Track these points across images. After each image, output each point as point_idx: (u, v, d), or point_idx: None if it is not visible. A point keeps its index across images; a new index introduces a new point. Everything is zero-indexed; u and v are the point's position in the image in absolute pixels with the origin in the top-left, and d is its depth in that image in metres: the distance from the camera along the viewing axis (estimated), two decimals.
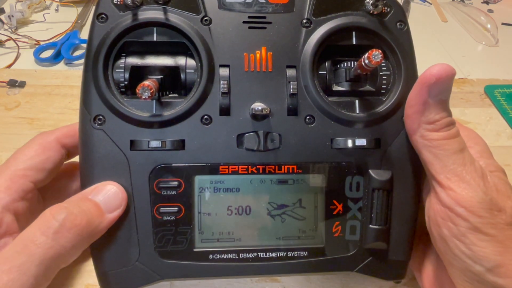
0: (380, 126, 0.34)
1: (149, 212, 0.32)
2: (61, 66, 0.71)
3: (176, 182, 0.32)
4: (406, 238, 0.34)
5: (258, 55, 0.34)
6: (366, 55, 0.30)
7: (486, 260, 0.28)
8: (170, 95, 0.34)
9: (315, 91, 0.33)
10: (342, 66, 0.35)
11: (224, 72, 0.33)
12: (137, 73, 0.33)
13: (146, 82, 0.29)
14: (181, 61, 0.34)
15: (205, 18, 0.33)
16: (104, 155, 0.32)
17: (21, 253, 0.26)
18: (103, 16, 0.33)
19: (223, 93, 0.32)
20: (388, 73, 0.35)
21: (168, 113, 0.32)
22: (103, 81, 0.32)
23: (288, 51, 0.34)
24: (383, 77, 0.35)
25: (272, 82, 0.33)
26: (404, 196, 0.34)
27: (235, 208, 0.33)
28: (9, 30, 0.77)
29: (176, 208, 0.32)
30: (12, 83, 0.63)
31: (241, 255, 0.33)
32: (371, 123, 0.34)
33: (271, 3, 0.34)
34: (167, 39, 0.33)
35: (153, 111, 0.32)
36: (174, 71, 0.34)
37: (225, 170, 0.33)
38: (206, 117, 0.33)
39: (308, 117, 0.33)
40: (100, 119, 0.32)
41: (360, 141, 0.33)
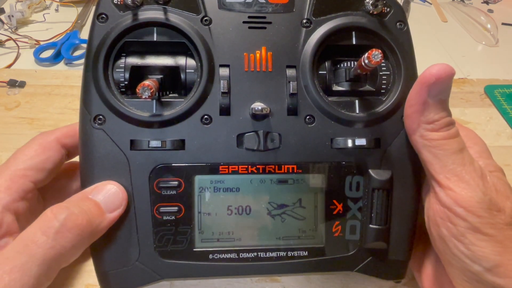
0: (380, 126, 0.34)
1: (149, 212, 0.32)
2: (61, 66, 0.71)
3: (176, 182, 0.32)
4: (406, 238, 0.34)
5: (258, 55, 0.34)
6: (366, 55, 0.30)
7: (485, 260, 0.28)
8: (170, 95, 0.34)
9: (315, 91, 0.33)
10: (342, 66, 0.35)
11: (224, 72, 0.33)
12: (137, 73, 0.33)
13: (146, 82, 0.29)
14: (181, 61, 0.34)
15: (205, 18, 0.34)
16: (104, 155, 0.32)
17: (22, 253, 0.26)
18: (103, 16, 0.33)
19: (223, 93, 0.32)
20: (388, 73, 0.35)
21: (168, 113, 0.32)
22: (103, 81, 0.32)
23: (288, 51, 0.34)
24: (383, 77, 0.35)
25: (272, 82, 0.33)
26: (404, 196, 0.34)
27: (235, 208, 0.33)
28: (9, 30, 0.77)
29: (176, 208, 0.32)
30: (12, 83, 0.63)
31: (241, 255, 0.33)
32: (371, 123, 0.34)
33: (271, 3, 0.34)
34: (167, 39, 0.33)
35: (153, 111, 0.32)
36: (174, 71, 0.34)
37: (225, 170, 0.33)
38: (206, 117, 0.33)
39: (308, 117, 0.33)
40: (100, 119, 0.32)
41: (360, 141, 0.33)
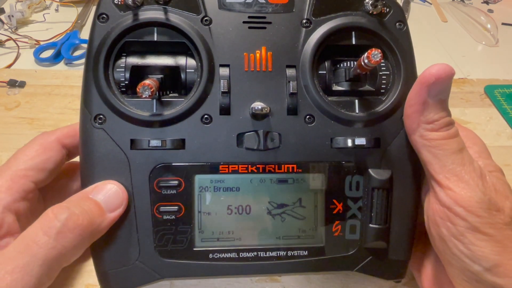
0: (380, 126, 0.34)
1: (149, 211, 0.32)
2: (61, 66, 0.71)
3: (176, 181, 0.32)
4: (406, 238, 0.34)
5: (258, 55, 0.34)
6: (366, 55, 0.30)
7: (485, 260, 0.28)
8: (171, 95, 0.34)
9: (315, 91, 0.33)
10: (342, 66, 0.35)
11: (224, 72, 0.33)
12: (138, 73, 0.33)
13: (147, 81, 0.29)
14: (182, 61, 0.34)
15: (205, 18, 0.34)
16: (105, 154, 0.32)
17: (24, 253, 0.26)
18: (104, 16, 0.33)
19: (223, 93, 0.33)
20: (388, 73, 0.35)
21: (169, 113, 0.32)
22: (104, 81, 0.32)
23: (288, 51, 0.34)
24: (383, 77, 0.35)
25: (272, 82, 0.34)
26: (404, 196, 0.34)
27: (235, 208, 0.33)
28: (9, 30, 0.77)
29: (176, 207, 0.32)
30: (12, 83, 0.63)
31: (241, 254, 0.33)
32: (371, 123, 0.34)
33: (271, 3, 0.34)
34: (168, 39, 0.33)
35: (154, 111, 0.32)
36: (175, 71, 0.34)
37: (225, 169, 0.33)
38: (206, 117, 0.33)
39: (308, 117, 0.33)
40: (101, 119, 0.32)
41: (360, 141, 0.33)
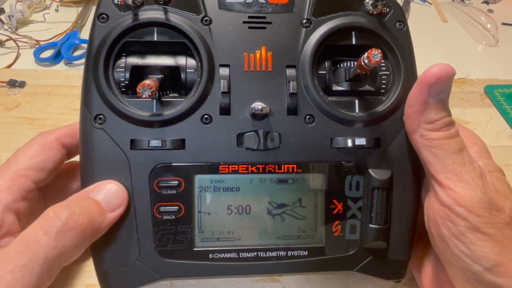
0: (380, 126, 0.34)
1: (149, 211, 0.32)
2: (61, 66, 0.71)
3: (176, 181, 0.32)
4: (406, 238, 0.34)
5: (258, 55, 0.34)
6: (366, 55, 0.30)
7: (485, 260, 0.28)
8: (171, 95, 0.34)
9: (315, 91, 0.33)
10: (342, 66, 0.35)
11: (224, 72, 0.33)
12: (138, 73, 0.33)
13: (147, 81, 0.29)
14: (182, 61, 0.34)
15: (205, 18, 0.34)
16: (105, 154, 0.32)
17: (24, 253, 0.26)
18: (104, 16, 0.33)
19: (223, 93, 0.33)
20: (388, 73, 0.35)
21: (169, 113, 0.32)
22: (104, 81, 0.32)
23: (288, 51, 0.34)
24: (383, 77, 0.35)
25: (272, 82, 0.34)
26: (404, 196, 0.34)
27: (235, 208, 0.33)
28: (9, 30, 0.77)
29: (176, 207, 0.32)
30: (12, 83, 0.63)
31: (241, 255, 0.33)
32: (371, 123, 0.34)
33: (271, 3, 0.34)
34: (168, 39, 0.33)
35: (154, 111, 0.32)
36: (175, 71, 0.34)
37: (225, 170, 0.33)
38: (206, 117, 0.33)
39: (308, 117, 0.33)
40: (101, 119, 0.32)
41: (360, 141, 0.33)
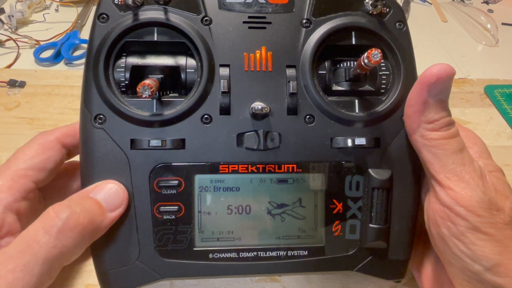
0: (380, 126, 0.34)
1: (149, 211, 0.32)
2: (61, 66, 0.71)
3: (176, 181, 0.32)
4: (406, 237, 0.34)
5: (258, 55, 0.34)
6: (366, 55, 0.30)
7: (485, 259, 0.28)
8: (171, 95, 0.34)
9: (315, 91, 0.33)
10: (342, 66, 0.35)
11: (224, 72, 0.33)
12: (138, 73, 0.33)
13: (147, 81, 0.29)
14: (182, 61, 0.34)
15: (205, 18, 0.34)
16: (105, 154, 0.32)
17: (25, 252, 0.26)
18: (104, 16, 0.33)
19: (223, 93, 0.33)
20: (388, 73, 0.35)
21: (169, 112, 0.32)
22: (104, 81, 0.32)
23: (288, 51, 0.34)
24: (383, 77, 0.35)
25: (272, 82, 0.34)
26: (404, 195, 0.34)
27: (235, 207, 0.33)
28: (9, 30, 0.77)
29: (176, 207, 0.32)
30: (12, 83, 0.63)
31: (241, 254, 0.33)
32: (371, 123, 0.34)
33: (271, 3, 0.34)
34: (168, 39, 0.33)
35: (154, 110, 0.32)
36: (175, 71, 0.34)
37: (225, 169, 0.33)
38: (206, 116, 0.33)
39: (308, 117, 0.33)
40: (101, 118, 0.32)
41: (360, 140, 0.33)
